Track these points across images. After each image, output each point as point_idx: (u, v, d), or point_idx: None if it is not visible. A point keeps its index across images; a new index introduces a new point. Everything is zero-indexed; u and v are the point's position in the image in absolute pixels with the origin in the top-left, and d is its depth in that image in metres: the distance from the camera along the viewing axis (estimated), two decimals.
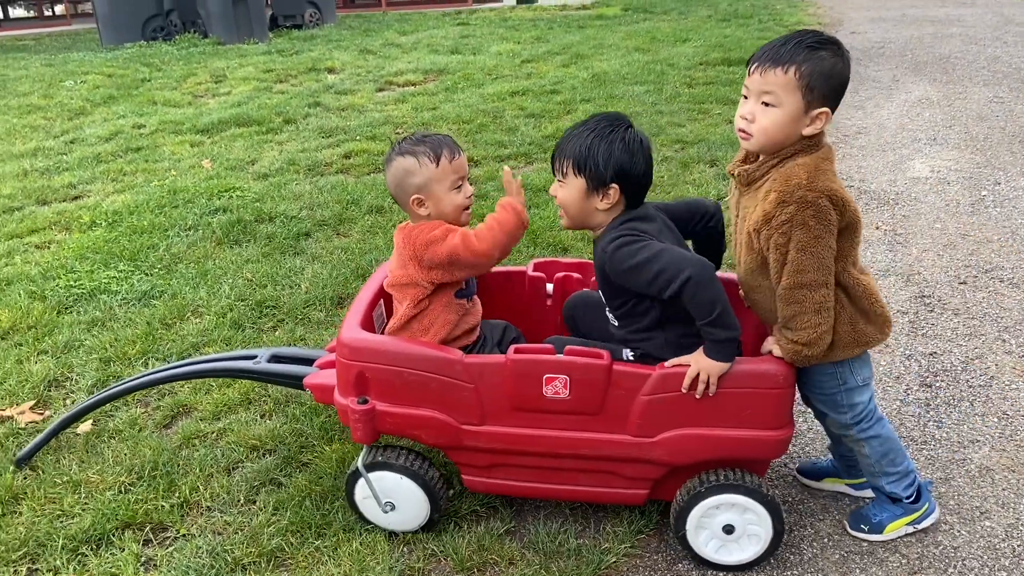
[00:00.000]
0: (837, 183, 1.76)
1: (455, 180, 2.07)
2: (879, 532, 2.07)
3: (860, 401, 1.96)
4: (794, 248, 1.73)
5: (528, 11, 15.12)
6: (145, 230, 4.26)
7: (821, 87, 1.70)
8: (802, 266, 1.74)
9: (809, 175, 1.71)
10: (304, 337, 3.15)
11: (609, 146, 1.89)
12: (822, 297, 1.77)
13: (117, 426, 2.63)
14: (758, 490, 1.89)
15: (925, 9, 13.07)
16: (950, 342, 2.99)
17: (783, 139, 1.75)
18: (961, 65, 8.03)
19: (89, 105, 7.58)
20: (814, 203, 1.69)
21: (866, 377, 1.95)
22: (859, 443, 2.00)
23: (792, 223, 1.71)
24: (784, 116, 1.73)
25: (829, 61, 1.70)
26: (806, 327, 1.78)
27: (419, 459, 2.07)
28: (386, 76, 8.47)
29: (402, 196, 2.09)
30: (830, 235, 1.73)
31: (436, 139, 2.08)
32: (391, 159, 2.09)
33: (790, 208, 1.70)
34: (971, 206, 4.29)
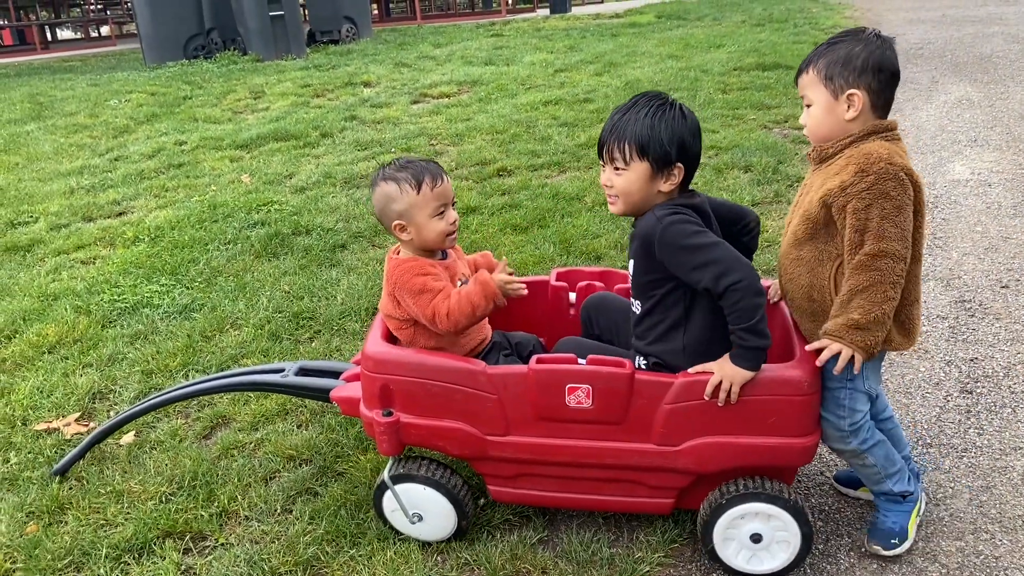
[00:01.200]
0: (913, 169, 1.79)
1: (437, 207, 2.08)
2: (905, 539, 2.03)
3: (861, 409, 1.92)
4: (877, 216, 1.73)
5: (561, 20, 15.17)
6: (186, 245, 4.36)
7: (840, 73, 1.80)
8: (886, 233, 1.72)
9: (889, 152, 1.76)
10: (340, 348, 3.20)
11: (669, 124, 1.87)
12: (901, 271, 1.75)
13: (159, 437, 2.69)
14: (780, 496, 1.88)
15: (966, 9, 12.83)
16: (992, 347, 2.93)
17: (828, 131, 1.85)
18: (1003, 64, 7.87)
19: (133, 123, 7.78)
20: (895, 175, 1.72)
21: (872, 388, 1.93)
22: (862, 456, 1.97)
23: (873, 192, 1.73)
24: (819, 111, 1.85)
25: (844, 49, 1.81)
26: (877, 301, 1.74)
27: (441, 469, 2.09)
28: (421, 88, 8.57)
29: (385, 221, 2.12)
30: (910, 209, 1.74)
31: (419, 165, 2.10)
32: (375, 184, 2.12)
33: (870, 178, 1.73)
34: (1013, 208, 4.20)
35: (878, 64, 1.78)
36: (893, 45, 1.85)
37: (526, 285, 2.35)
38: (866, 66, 1.78)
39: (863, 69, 1.79)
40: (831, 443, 1.98)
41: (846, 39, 1.83)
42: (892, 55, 1.81)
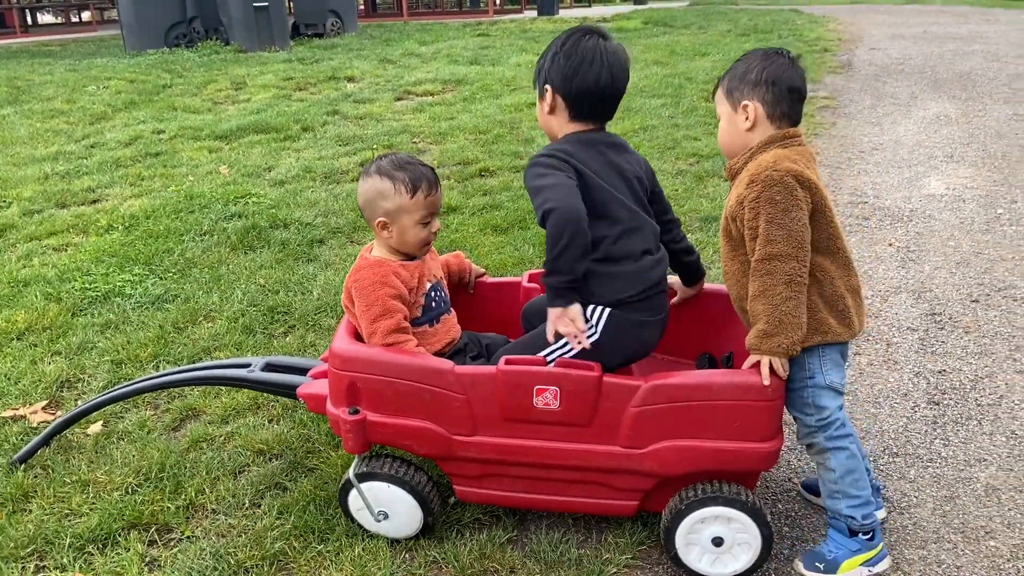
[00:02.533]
0: (808, 169, 1.85)
1: (425, 215, 2.09)
2: (834, 571, 1.96)
3: (828, 406, 1.92)
4: (764, 221, 1.81)
5: (549, 23, 15.19)
6: (161, 234, 4.31)
7: (737, 87, 1.94)
8: (772, 236, 1.80)
9: (776, 159, 1.84)
10: (315, 343, 3.18)
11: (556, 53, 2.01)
12: (792, 270, 1.79)
13: (126, 428, 2.66)
14: (738, 498, 1.89)
15: (947, 26, 13.03)
16: (960, 360, 2.97)
17: (729, 142, 1.99)
18: (982, 82, 7.99)
19: (111, 110, 7.69)
20: (780, 180, 1.80)
21: (835, 382, 1.93)
22: (824, 454, 1.94)
23: (760, 200, 1.82)
24: (723, 123, 1.99)
25: (744, 65, 1.95)
26: (775, 303, 1.79)
27: (405, 466, 2.08)
28: (405, 85, 8.54)
29: (369, 214, 2.11)
30: (799, 210, 1.80)
31: (418, 170, 2.08)
32: (368, 174, 2.09)
33: (757, 187, 1.82)
34: (986, 224, 4.26)
35: (773, 77, 1.90)
36: (798, 64, 1.96)
37: (500, 286, 2.36)
38: (759, 79, 1.90)
39: (756, 82, 1.91)
40: (801, 439, 2.02)
41: (752, 57, 1.96)
42: (792, 72, 1.92)
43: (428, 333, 2.16)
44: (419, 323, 2.15)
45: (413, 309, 2.13)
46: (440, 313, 2.20)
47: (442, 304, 2.22)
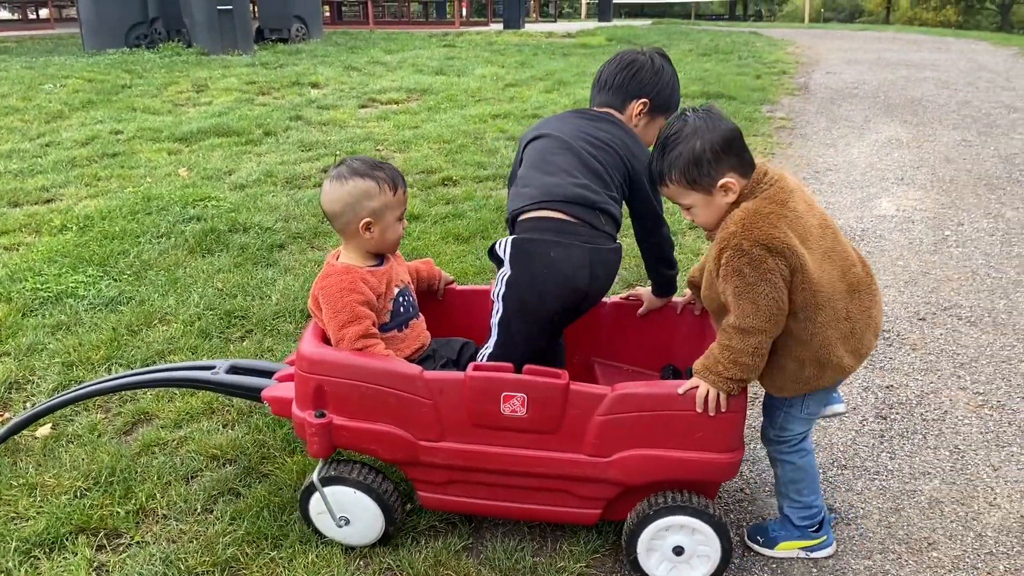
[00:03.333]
0: (778, 227, 1.77)
1: (401, 212, 2.12)
2: (771, 547, 2.13)
3: (792, 429, 2.03)
4: (732, 294, 1.81)
5: (514, 36, 15.29)
6: (116, 236, 4.24)
7: (697, 171, 1.82)
8: (741, 310, 1.81)
9: (744, 222, 1.78)
10: (272, 348, 3.15)
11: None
12: (759, 343, 1.82)
13: (76, 431, 2.61)
14: (705, 511, 1.93)
15: (901, 53, 13.40)
16: (907, 376, 3.06)
17: (717, 219, 1.88)
18: (932, 108, 8.24)
19: (67, 109, 7.54)
20: (748, 252, 1.76)
21: (811, 413, 2.02)
22: (774, 461, 2.11)
23: (727, 269, 1.80)
24: (700, 210, 1.89)
25: (686, 152, 1.82)
26: (737, 364, 1.82)
27: (373, 473, 2.08)
28: (369, 93, 8.52)
29: (350, 216, 2.07)
30: (767, 283, 1.76)
31: (390, 168, 2.11)
32: (343, 177, 2.07)
33: (727, 254, 1.79)
34: (933, 245, 4.40)
35: (724, 143, 1.81)
36: (717, 111, 1.88)
37: (469, 293, 2.38)
38: (716, 154, 1.81)
39: (716, 158, 1.81)
40: (761, 437, 2.15)
41: (679, 139, 1.83)
42: (725, 123, 1.84)
43: (397, 338, 2.17)
44: (388, 328, 2.15)
45: (382, 315, 2.13)
46: (409, 318, 2.21)
47: (410, 309, 2.22)
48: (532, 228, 2.11)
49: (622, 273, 3.64)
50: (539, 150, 2.23)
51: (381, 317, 2.13)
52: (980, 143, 6.68)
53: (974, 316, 3.53)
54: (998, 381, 3.01)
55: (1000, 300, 3.69)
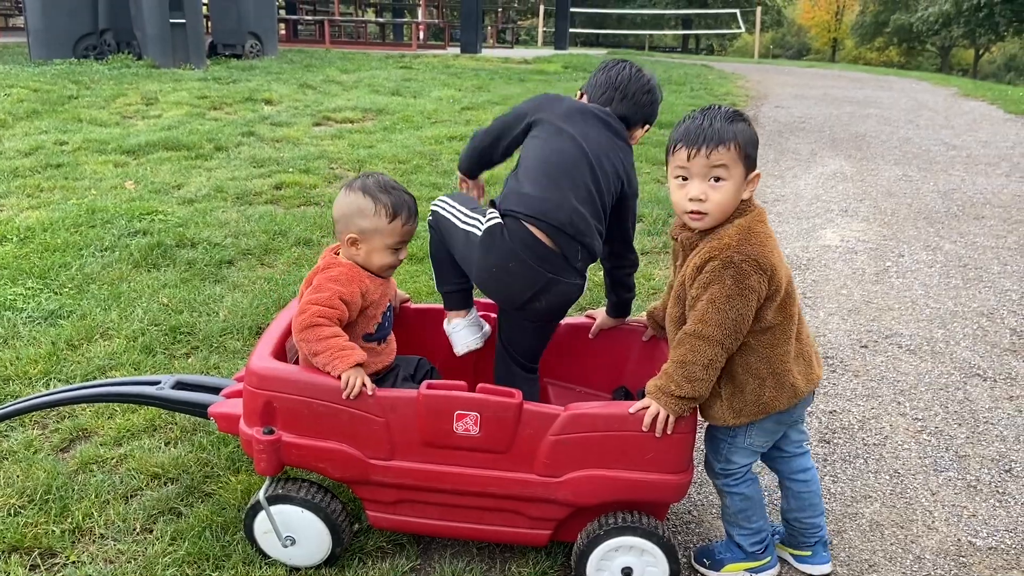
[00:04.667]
0: (768, 247, 1.83)
1: (396, 243, 2.11)
2: (717, 570, 2.15)
3: (737, 462, 2.04)
4: (706, 299, 1.82)
5: (471, 60, 15.39)
6: (58, 248, 4.12)
7: (753, 153, 1.86)
8: (705, 317, 1.82)
9: (740, 237, 1.82)
10: (218, 366, 3.09)
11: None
12: (714, 355, 1.83)
13: (11, 447, 2.52)
14: (655, 532, 1.94)
15: (845, 90, 13.85)
16: (849, 402, 3.13)
17: (732, 208, 1.87)
18: (875, 143, 8.51)
19: (11, 119, 7.33)
20: (737, 265, 1.79)
21: (756, 444, 2.02)
22: (721, 493, 2.11)
23: (710, 276, 1.81)
24: (734, 187, 1.84)
25: (751, 130, 1.88)
26: (688, 379, 1.84)
27: (321, 492, 2.04)
28: (324, 111, 8.48)
29: (341, 227, 2.10)
30: (743, 301, 1.80)
31: (401, 197, 2.09)
32: (352, 189, 2.09)
33: (714, 263, 1.81)
34: (876, 275, 4.52)
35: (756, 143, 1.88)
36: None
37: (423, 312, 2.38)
38: (756, 149, 1.88)
39: (755, 153, 1.87)
40: (705, 470, 2.14)
41: (742, 118, 1.87)
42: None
43: (376, 351, 2.15)
44: (371, 339, 2.14)
45: (370, 323, 2.12)
46: (386, 334, 2.21)
47: (389, 326, 2.22)
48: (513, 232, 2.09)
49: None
50: (556, 150, 2.15)
51: (368, 326, 2.12)
52: (920, 178, 6.93)
53: (913, 344, 3.64)
54: (936, 408, 3.10)
55: (938, 329, 3.81)
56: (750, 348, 1.89)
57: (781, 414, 1.97)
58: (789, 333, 1.91)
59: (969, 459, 2.77)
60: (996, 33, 35.92)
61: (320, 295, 2.02)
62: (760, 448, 2.05)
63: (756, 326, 1.87)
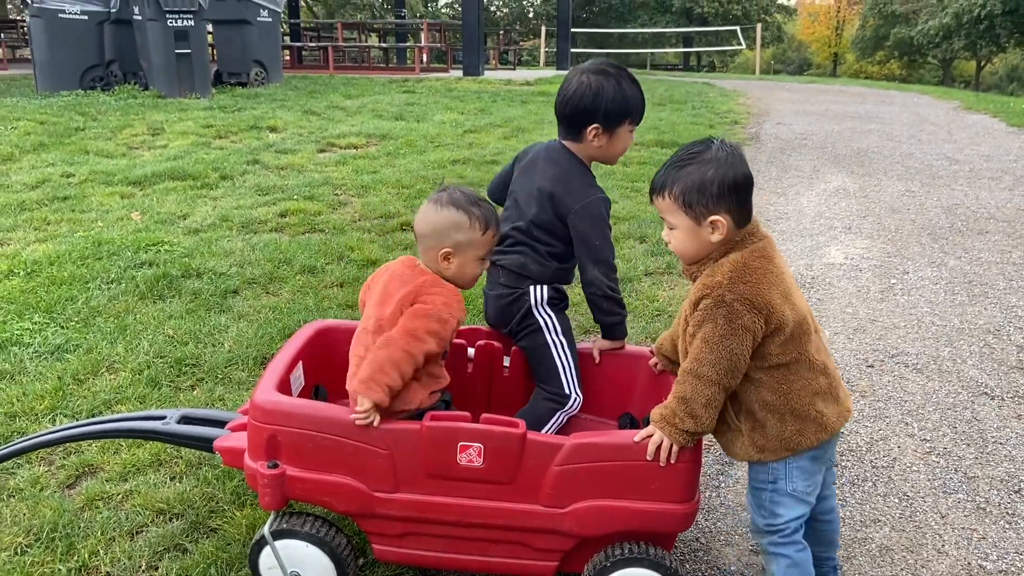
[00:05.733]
0: (765, 284, 1.78)
1: (486, 251, 2.14)
2: None
3: (783, 514, 1.90)
4: (700, 339, 1.81)
5: (473, 83, 15.49)
6: (65, 281, 4.15)
7: (698, 199, 1.80)
8: (700, 356, 1.81)
9: (733, 275, 1.78)
10: (223, 398, 3.09)
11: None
12: (712, 394, 1.81)
13: (18, 484, 2.52)
14: (662, 563, 1.92)
15: (847, 105, 13.87)
16: (856, 423, 3.11)
17: (695, 253, 1.87)
18: (877, 159, 8.52)
19: (18, 151, 7.41)
20: (729, 304, 1.76)
21: (799, 490, 1.90)
22: (767, 557, 1.96)
23: (703, 315, 1.80)
24: (683, 235, 1.86)
25: (697, 173, 1.81)
26: (688, 413, 1.82)
27: (326, 526, 2.04)
28: (328, 138, 8.54)
29: (434, 242, 2.09)
30: (737, 339, 1.77)
31: (489, 207, 2.14)
32: (440, 204, 2.10)
33: (707, 301, 1.80)
34: (880, 293, 4.51)
35: (733, 184, 1.79)
36: (741, 153, 1.86)
37: None
38: (723, 190, 1.79)
39: (720, 193, 1.79)
40: (751, 531, 2.06)
41: (695, 159, 1.83)
42: (743, 167, 1.82)
43: (439, 370, 2.13)
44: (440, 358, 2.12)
45: (446, 343, 2.11)
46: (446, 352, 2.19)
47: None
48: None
49: (578, 319, 3.66)
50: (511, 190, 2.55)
51: (445, 344, 2.10)
52: (924, 193, 6.92)
53: (920, 363, 3.62)
54: (944, 428, 3.08)
55: (945, 348, 3.79)
56: (763, 384, 1.85)
57: (815, 451, 1.89)
58: (807, 368, 1.85)
59: (978, 480, 2.75)
60: (997, 45, 36.04)
61: (441, 328, 2.00)
62: (805, 495, 1.90)
63: (763, 363, 1.83)
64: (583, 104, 2.35)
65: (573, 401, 2.37)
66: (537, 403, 2.38)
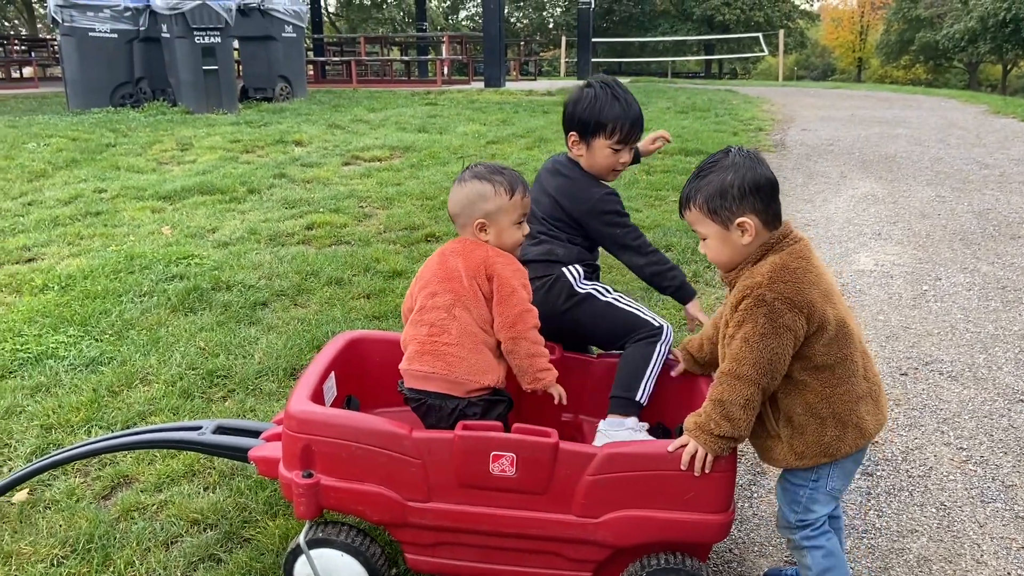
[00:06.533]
0: (805, 283, 1.79)
1: (519, 216, 2.18)
2: None
3: (817, 511, 1.93)
4: (740, 338, 1.80)
5: (495, 94, 15.55)
6: (98, 295, 4.21)
7: (722, 204, 1.85)
8: (740, 356, 1.80)
9: (772, 275, 1.79)
10: (255, 408, 3.12)
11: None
12: (751, 395, 1.80)
13: (54, 496, 2.55)
14: (698, 574, 1.90)
15: (873, 110, 13.75)
16: (891, 432, 3.07)
17: (728, 259, 1.90)
18: (906, 164, 8.43)
19: (51, 168, 7.55)
20: (770, 303, 1.76)
21: (837, 488, 1.93)
22: (801, 552, 1.96)
23: (743, 315, 1.80)
24: (714, 242, 1.91)
25: (717, 179, 1.86)
26: (726, 417, 1.81)
27: (361, 535, 2.05)
28: (353, 151, 8.61)
29: (465, 218, 2.16)
30: (777, 339, 1.76)
31: (512, 173, 2.19)
32: (464, 180, 2.16)
33: (747, 302, 1.79)
34: (912, 300, 4.46)
35: (755, 185, 1.83)
36: (761, 157, 1.89)
37: None
38: (744, 192, 1.83)
39: (742, 195, 1.83)
40: (779, 529, 2.03)
41: (714, 168, 1.88)
42: (763, 168, 1.86)
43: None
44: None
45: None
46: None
47: None
48: None
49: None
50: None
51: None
52: (954, 199, 6.83)
53: (955, 371, 3.57)
54: (980, 436, 3.03)
55: (980, 354, 3.73)
56: (807, 387, 1.84)
57: (857, 455, 1.90)
58: (851, 371, 1.85)
59: (1016, 488, 2.70)
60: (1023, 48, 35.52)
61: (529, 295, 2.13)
62: (838, 493, 1.94)
63: (808, 364, 1.82)
64: (565, 111, 2.50)
65: (667, 331, 2.40)
66: (634, 350, 2.38)
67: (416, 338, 2.11)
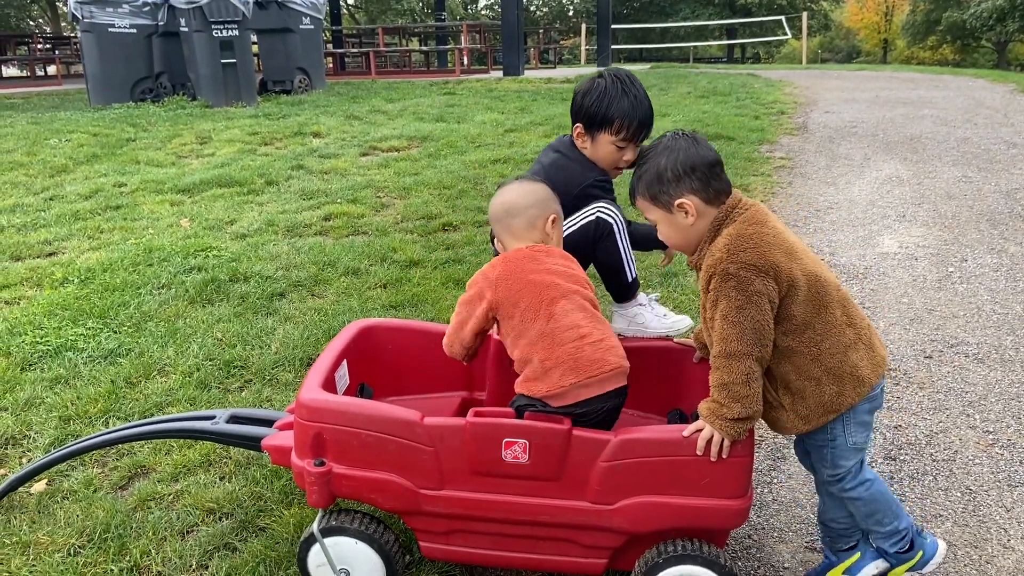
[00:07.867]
0: (764, 246, 1.79)
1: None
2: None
3: (844, 464, 1.95)
4: (719, 317, 1.81)
5: (514, 83, 15.48)
6: (117, 288, 4.24)
7: (660, 189, 1.91)
8: (725, 335, 1.79)
9: (730, 247, 1.81)
10: (271, 398, 3.12)
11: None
12: (748, 368, 1.79)
13: (72, 486, 2.57)
14: (716, 561, 1.87)
15: (899, 91, 13.51)
16: (915, 415, 3.01)
17: (683, 240, 1.95)
18: (931, 145, 8.26)
19: (72, 163, 7.62)
20: (735, 275, 1.78)
21: (859, 442, 1.94)
22: (844, 500, 2.02)
23: (717, 294, 1.80)
24: (664, 228, 1.96)
25: (652, 166, 1.92)
26: (734, 398, 1.79)
27: (375, 523, 2.03)
28: (370, 141, 8.60)
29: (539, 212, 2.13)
30: (754, 307, 1.77)
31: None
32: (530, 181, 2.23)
33: (715, 280, 1.81)
34: (938, 282, 4.37)
35: (689, 166, 1.87)
36: (699, 137, 1.93)
37: None
38: (678, 173, 1.87)
39: (677, 177, 1.87)
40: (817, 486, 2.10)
41: (650, 155, 1.94)
42: (698, 148, 1.89)
43: None
44: None
45: None
46: None
47: None
48: None
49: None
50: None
51: None
52: (981, 179, 6.69)
53: (981, 353, 3.49)
54: (1007, 419, 2.96)
55: (1007, 336, 3.65)
56: (794, 351, 1.85)
57: (868, 403, 1.91)
58: (831, 324, 1.86)
59: None
60: None
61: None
62: (864, 443, 1.95)
63: (789, 327, 1.83)
64: (574, 101, 2.46)
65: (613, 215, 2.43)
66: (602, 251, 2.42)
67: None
